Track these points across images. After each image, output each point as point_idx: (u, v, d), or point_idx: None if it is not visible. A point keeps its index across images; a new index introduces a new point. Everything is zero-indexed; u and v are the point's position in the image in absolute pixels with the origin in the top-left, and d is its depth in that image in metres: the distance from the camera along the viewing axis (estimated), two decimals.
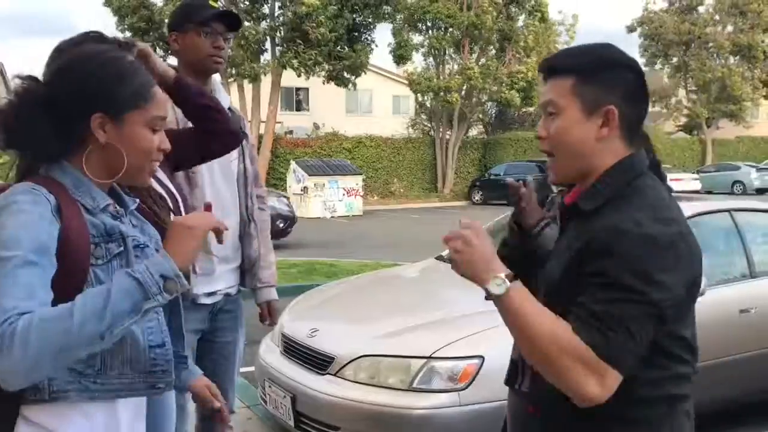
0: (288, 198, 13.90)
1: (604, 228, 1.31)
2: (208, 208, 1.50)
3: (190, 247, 1.33)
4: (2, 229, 1.26)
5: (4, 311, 1.18)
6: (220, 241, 1.42)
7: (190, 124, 2.21)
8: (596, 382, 1.25)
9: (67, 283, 1.29)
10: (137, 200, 1.55)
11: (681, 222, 1.35)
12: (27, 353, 1.16)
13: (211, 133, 2.15)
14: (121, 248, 1.40)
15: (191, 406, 2.68)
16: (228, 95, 2.65)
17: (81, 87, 1.36)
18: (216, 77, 2.57)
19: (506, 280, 1.28)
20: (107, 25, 21.79)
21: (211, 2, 2.48)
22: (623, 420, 1.36)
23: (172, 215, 2.01)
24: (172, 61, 2.52)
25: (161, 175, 2.09)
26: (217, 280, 2.50)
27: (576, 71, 1.38)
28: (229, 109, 2.56)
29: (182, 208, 2.12)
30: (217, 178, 2.49)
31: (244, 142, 2.59)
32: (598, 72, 1.37)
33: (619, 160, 1.38)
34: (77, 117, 1.36)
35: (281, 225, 12.36)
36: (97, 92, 1.37)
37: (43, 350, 1.17)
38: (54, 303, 1.24)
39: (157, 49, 19.97)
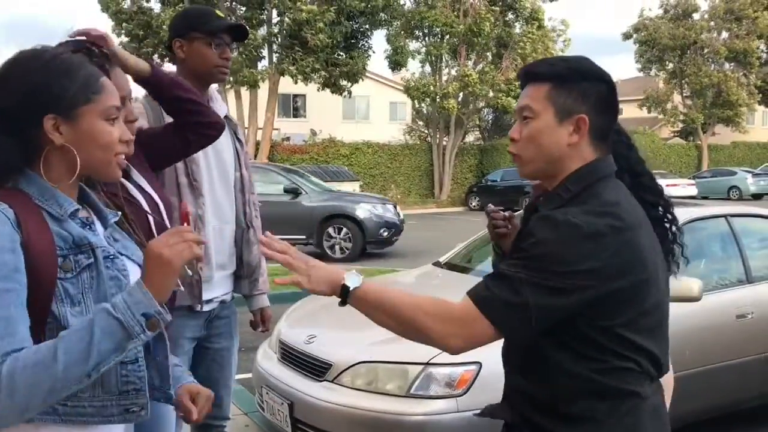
0: (395, 204, 12.50)
1: (536, 218, 1.43)
2: (185, 217, 1.42)
3: (167, 281, 1.26)
4: None
5: None
6: (199, 260, 1.33)
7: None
8: (459, 334, 1.39)
9: (34, 299, 1.24)
10: (119, 213, 1.50)
11: (622, 218, 1.39)
12: (14, 400, 1.15)
13: (191, 125, 2.13)
14: (91, 260, 1.33)
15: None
16: (225, 103, 2.65)
17: (26, 91, 1.30)
18: (212, 85, 2.57)
19: (358, 273, 1.42)
20: (111, 32, 21.73)
21: (217, 12, 2.48)
22: (567, 417, 1.44)
23: (153, 225, 1.98)
24: (168, 67, 2.52)
25: (139, 178, 2.06)
26: (214, 287, 2.50)
27: (552, 79, 1.47)
28: (226, 117, 2.57)
29: (163, 212, 2.09)
30: (216, 186, 2.49)
31: (239, 149, 2.60)
32: (572, 81, 1.46)
33: (585, 165, 1.47)
34: (29, 123, 1.30)
35: (385, 233, 11.44)
36: (43, 93, 1.30)
37: (31, 395, 1.16)
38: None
39: (155, 56, 20.09)
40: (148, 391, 1.38)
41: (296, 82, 22.60)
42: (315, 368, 3.43)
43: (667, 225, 1.99)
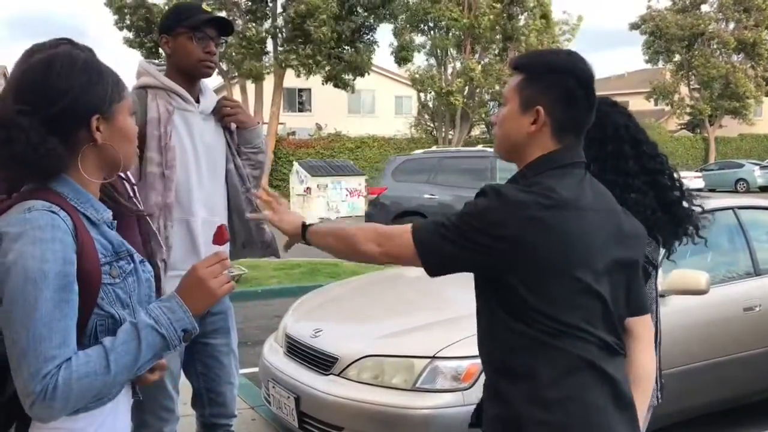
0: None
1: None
2: (221, 234, 1.61)
3: (206, 305, 1.41)
4: (26, 260, 1.23)
5: (44, 362, 1.21)
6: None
7: None
8: (383, 243, 1.58)
9: (80, 305, 1.30)
10: (109, 210, 1.52)
11: (551, 197, 1.45)
12: (67, 406, 1.25)
13: None
14: (131, 265, 1.42)
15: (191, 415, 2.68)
16: (215, 95, 2.63)
17: (73, 94, 1.33)
18: (204, 80, 2.55)
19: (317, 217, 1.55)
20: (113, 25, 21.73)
21: (204, 6, 2.47)
22: (509, 371, 1.53)
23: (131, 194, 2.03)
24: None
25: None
26: None
27: (525, 71, 1.58)
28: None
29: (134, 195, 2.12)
30: (205, 179, 2.48)
31: (231, 141, 2.58)
32: (541, 74, 1.55)
33: (542, 154, 1.54)
34: (75, 124, 1.34)
35: None
36: (90, 94, 1.35)
37: (81, 400, 1.27)
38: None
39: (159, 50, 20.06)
40: None
41: (298, 76, 22.58)
42: (321, 362, 3.44)
43: (677, 192, 2.03)
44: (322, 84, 23.90)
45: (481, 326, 1.61)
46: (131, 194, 2.09)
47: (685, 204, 2.08)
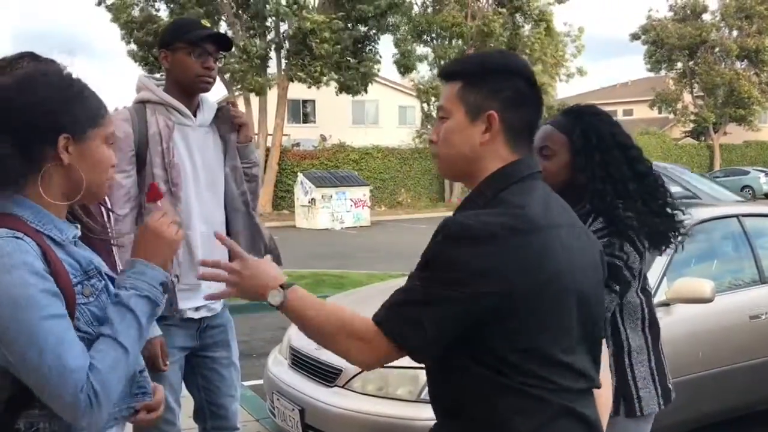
0: None
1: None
2: (158, 194, 1.61)
3: (168, 256, 1.44)
4: (8, 290, 1.22)
5: (76, 375, 1.23)
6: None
7: None
8: (363, 350, 1.37)
9: None
10: (78, 226, 1.51)
11: (523, 220, 1.30)
12: (111, 402, 1.29)
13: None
14: (103, 282, 1.41)
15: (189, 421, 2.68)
16: (215, 104, 2.63)
17: (45, 108, 1.31)
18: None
19: (281, 289, 1.41)
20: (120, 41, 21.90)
21: (203, 21, 2.48)
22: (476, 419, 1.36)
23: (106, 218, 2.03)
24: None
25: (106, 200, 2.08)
26: (202, 294, 2.48)
27: (462, 77, 1.41)
28: (217, 115, 2.56)
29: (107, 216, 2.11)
30: (204, 193, 2.48)
31: (225, 145, 2.55)
32: (482, 77, 1.39)
33: (500, 168, 1.39)
34: (39, 139, 1.31)
35: None
36: (62, 113, 1.33)
37: (119, 389, 1.32)
38: None
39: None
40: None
41: (309, 87, 22.65)
42: (325, 374, 3.43)
43: (665, 198, 2.02)
44: (336, 94, 23.98)
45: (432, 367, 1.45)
46: (105, 219, 2.06)
47: (669, 210, 2.07)
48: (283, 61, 22.26)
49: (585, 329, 1.38)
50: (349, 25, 21.29)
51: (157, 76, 2.57)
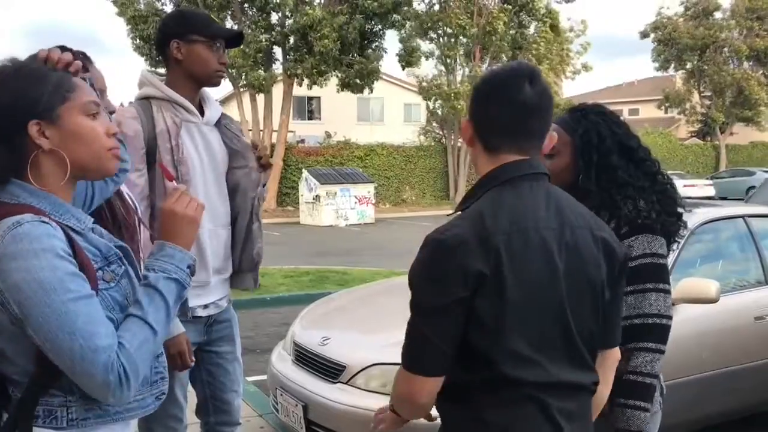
0: None
1: None
2: (170, 176, 1.67)
3: (192, 235, 1.47)
4: (37, 274, 1.23)
5: (104, 354, 1.26)
6: None
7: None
8: (406, 394, 1.47)
9: None
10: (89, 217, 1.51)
11: (468, 229, 1.34)
12: (139, 379, 1.32)
13: None
14: (123, 267, 1.42)
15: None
16: (219, 105, 2.63)
17: (6, 103, 1.31)
18: (207, 90, 2.55)
19: None
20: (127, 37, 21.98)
21: (211, 16, 2.47)
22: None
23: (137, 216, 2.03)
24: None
25: (125, 188, 2.08)
26: (211, 292, 2.48)
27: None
28: (223, 115, 2.57)
29: (137, 217, 2.11)
30: (211, 190, 2.47)
31: (232, 152, 2.55)
32: (475, 102, 1.48)
33: (487, 171, 1.45)
34: (13, 132, 1.31)
35: None
36: (19, 99, 1.32)
37: (146, 368, 1.36)
38: None
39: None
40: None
41: (310, 87, 22.67)
42: (329, 370, 3.44)
43: (673, 191, 2.01)
44: (337, 92, 23.98)
45: None
46: (123, 217, 2.06)
47: (678, 209, 2.06)
48: (287, 57, 22.23)
49: (559, 331, 1.38)
50: (352, 20, 21.17)
51: (161, 72, 2.55)
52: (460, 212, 1.44)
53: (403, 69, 26.36)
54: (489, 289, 1.32)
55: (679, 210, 2.05)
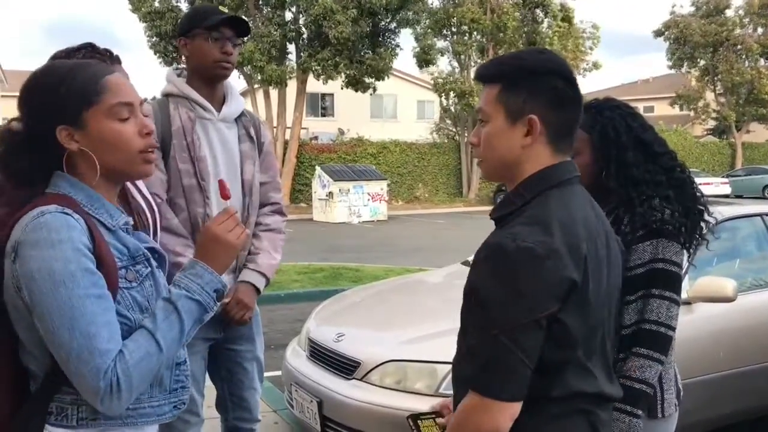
0: None
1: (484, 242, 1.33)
2: (224, 189, 1.60)
3: (229, 261, 1.44)
4: (50, 264, 1.24)
5: (101, 358, 1.24)
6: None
7: None
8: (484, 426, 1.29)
9: None
10: (130, 217, 1.52)
11: (557, 236, 1.27)
12: (132, 394, 1.29)
13: None
14: (149, 269, 1.42)
15: (216, 422, 2.71)
16: (243, 100, 2.61)
17: (34, 110, 1.34)
18: (228, 82, 2.53)
19: None
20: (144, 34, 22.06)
21: (221, 7, 2.47)
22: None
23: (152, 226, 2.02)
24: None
25: (143, 187, 2.08)
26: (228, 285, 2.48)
27: (501, 79, 1.38)
28: (243, 114, 2.55)
29: (157, 215, 2.12)
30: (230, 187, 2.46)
31: (250, 150, 2.54)
32: (521, 79, 1.37)
33: (538, 171, 1.37)
34: (50, 136, 1.33)
35: None
36: (47, 107, 1.33)
37: (143, 384, 1.31)
38: None
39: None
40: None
41: (325, 82, 22.66)
42: (344, 366, 3.45)
43: (692, 186, 1.98)
44: (342, 88, 23.98)
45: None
46: (146, 218, 2.07)
47: (700, 206, 2.02)
48: (302, 52, 22.23)
49: (601, 340, 1.38)
50: (362, 15, 21.10)
51: (183, 66, 2.57)
52: (510, 214, 1.37)
53: (421, 68, 26.33)
54: (575, 299, 1.27)
55: (699, 206, 2.01)
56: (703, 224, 2.01)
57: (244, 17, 2.49)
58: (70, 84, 1.34)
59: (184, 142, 2.37)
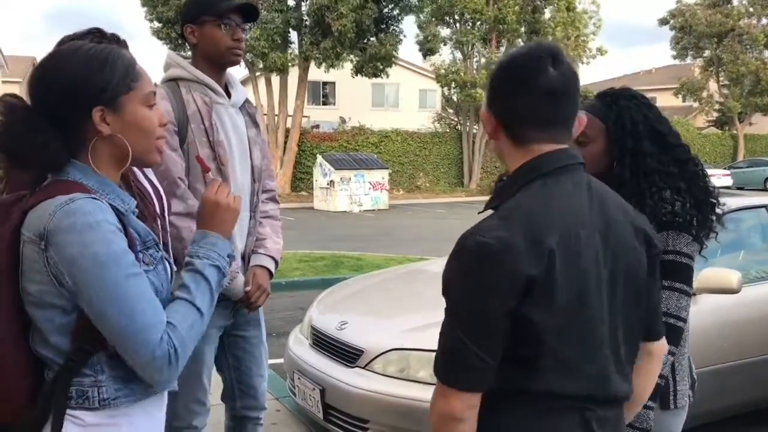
0: None
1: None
2: (201, 164, 1.73)
3: (232, 225, 1.51)
4: (91, 247, 1.25)
5: (155, 330, 1.29)
6: None
7: None
8: (443, 413, 1.32)
9: None
10: (135, 201, 1.52)
11: (517, 231, 1.24)
12: (185, 361, 1.35)
13: None
14: (160, 253, 1.43)
15: (221, 408, 2.70)
16: (244, 88, 2.60)
17: (71, 85, 1.32)
18: (230, 70, 2.51)
19: None
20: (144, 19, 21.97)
21: None
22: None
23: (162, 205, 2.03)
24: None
25: (150, 173, 2.07)
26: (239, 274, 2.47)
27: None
28: (247, 101, 2.54)
29: (163, 198, 2.09)
30: (238, 173, 2.44)
31: (255, 136, 2.54)
32: (493, 93, 1.38)
33: (528, 161, 1.35)
34: (75, 115, 1.33)
35: None
36: (88, 86, 1.33)
37: (192, 349, 1.37)
38: None
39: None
40: None
41: (327, 70, 22.58)
42: (347, 354, 3.44)
43: (705, 179, 1.95)
44: (352, 76, 23.87)
45: None
46: (154, 211, 2.07)
47: (712, 199, 2.00)
48: (304, 39, 22.14)
49: (605, 339, 1.34)
50: (368, 3, 20.98)
51: (183, 54, 2.52)
52: (491, 210, 1.35)
53: (425, 57, 26.23)
54: (539, 294, 1.23)
55: (712, 200, 1.99)
56: (713, 217, 1.99)
57: (252, 2, 2.44)
58: (114, 66, 1.35)
59: (202, 126, 2.33)
